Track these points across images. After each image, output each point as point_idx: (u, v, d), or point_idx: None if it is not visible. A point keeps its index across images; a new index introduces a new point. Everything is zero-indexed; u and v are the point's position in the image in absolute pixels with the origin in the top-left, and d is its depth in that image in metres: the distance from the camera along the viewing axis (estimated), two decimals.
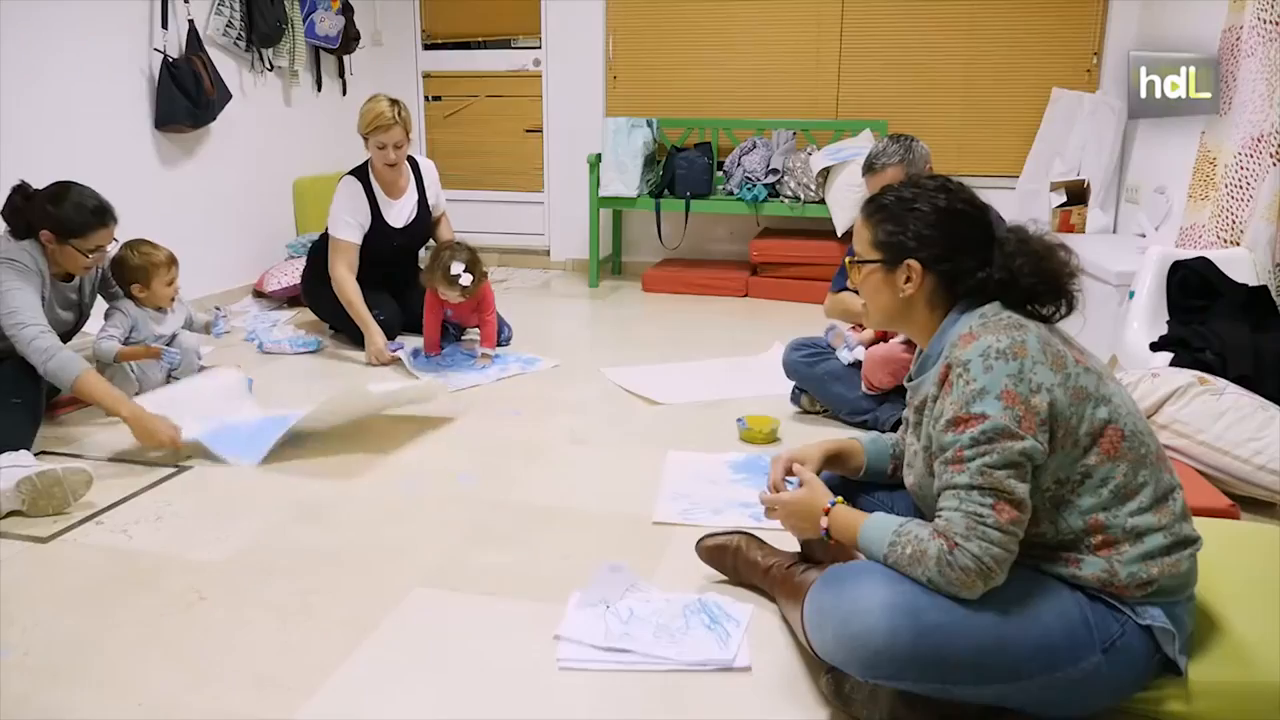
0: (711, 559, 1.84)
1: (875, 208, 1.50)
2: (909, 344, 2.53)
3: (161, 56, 3.94)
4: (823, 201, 4.44)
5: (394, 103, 3.45)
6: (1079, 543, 1.32)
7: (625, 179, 4.69)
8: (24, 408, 2.43)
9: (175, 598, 1.79)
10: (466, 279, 3.21)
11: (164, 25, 3.98)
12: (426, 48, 5.55)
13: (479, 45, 5.52)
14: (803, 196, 4.48)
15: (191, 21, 4.10)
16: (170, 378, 2.94)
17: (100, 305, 2.99)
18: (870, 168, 2.63)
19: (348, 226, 3.52)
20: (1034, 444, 1.27)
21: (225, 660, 1.59)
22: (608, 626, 1.68)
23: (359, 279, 3.52)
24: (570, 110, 5.21)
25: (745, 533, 1.84)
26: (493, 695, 1.51)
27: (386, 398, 2.78)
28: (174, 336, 2.98)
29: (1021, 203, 4.36)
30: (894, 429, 2.11)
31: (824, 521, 1.49)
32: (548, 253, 5.41)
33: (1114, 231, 4.20)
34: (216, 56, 4.22)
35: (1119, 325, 2.92)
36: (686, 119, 4.98)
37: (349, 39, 5.11)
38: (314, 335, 3.69)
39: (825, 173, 4.41)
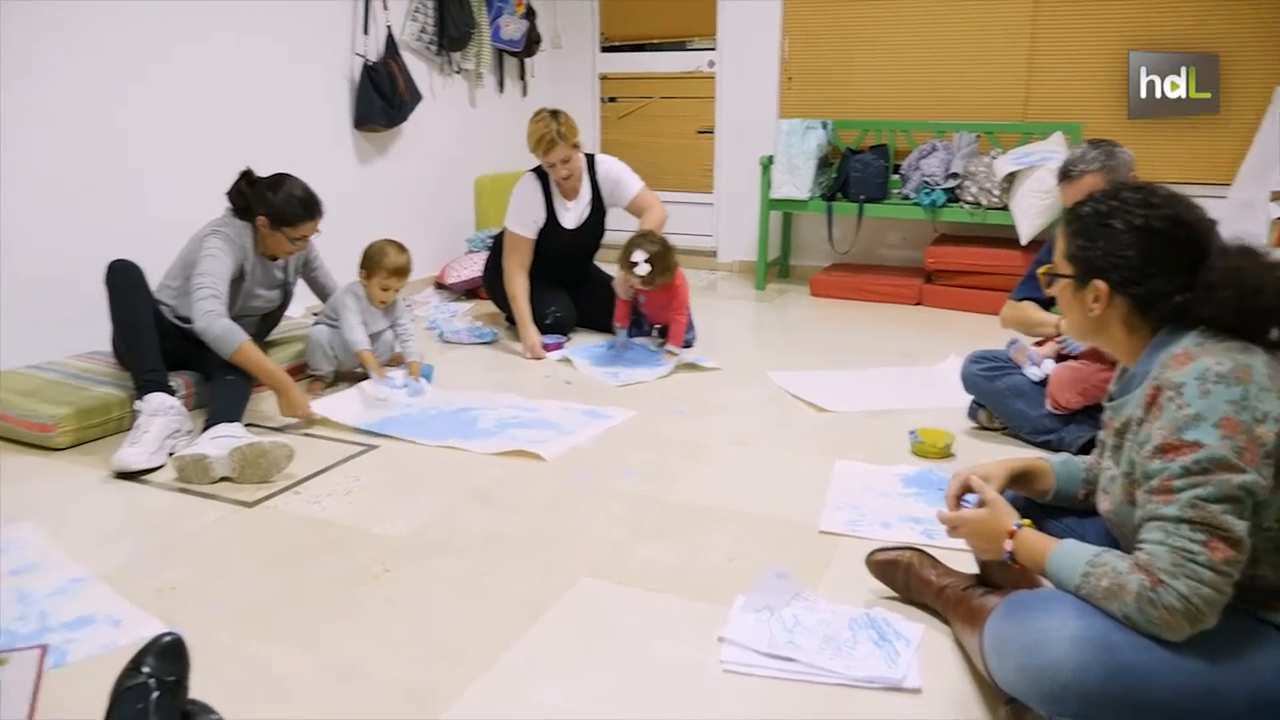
0: (881, 574, 1.79)
1: (1072, 217, 1.42)
2: (1102, 362, 2.38)
3: (362, 61, 4.20)
4: (1006, 208, 4.24)
5: (555, 116, 3.50)
6: None
7: (797, 181, 4.64)
8: (236, 384, 2.64)
9: (362, 567, 1.91)
10: (644, 269, 3.25)
11: (365, 31, 4.23)
12: (604, 50, 5.68)
13: (654, 47, 5.59)
14: (984, 202, 4.30)
15: (389, 28, 4.35)
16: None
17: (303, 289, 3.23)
18: (1066, 175, 2.48)
19: (522, 222, 3.64)
20: (1256, 478, 1.16)
21: (405, 630, 1.68)
22: (772, 633, 1.66)
23: (537, 275, 3.64)
24: (743, 111, 5.20)
25: (918, 549, 1.78)
26: (655, 691, 1.53)
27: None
28: (381, 333, 3.16)
29: (1234, 214, 4.02)
30: (1080, 451, 1.99)
31: (1009, 544, 1.42)
32: (715, 254, 5.42)
33: None
34: (409, 60, 4.46)
35: None
36: (862, 120, 4.87)
37: (531, 42, 5.29)
38: (491, 327, 3.84)
39: (1010, 178, 4.21)
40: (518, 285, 3.60)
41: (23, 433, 2.58)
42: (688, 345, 3.54)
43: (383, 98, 4.24)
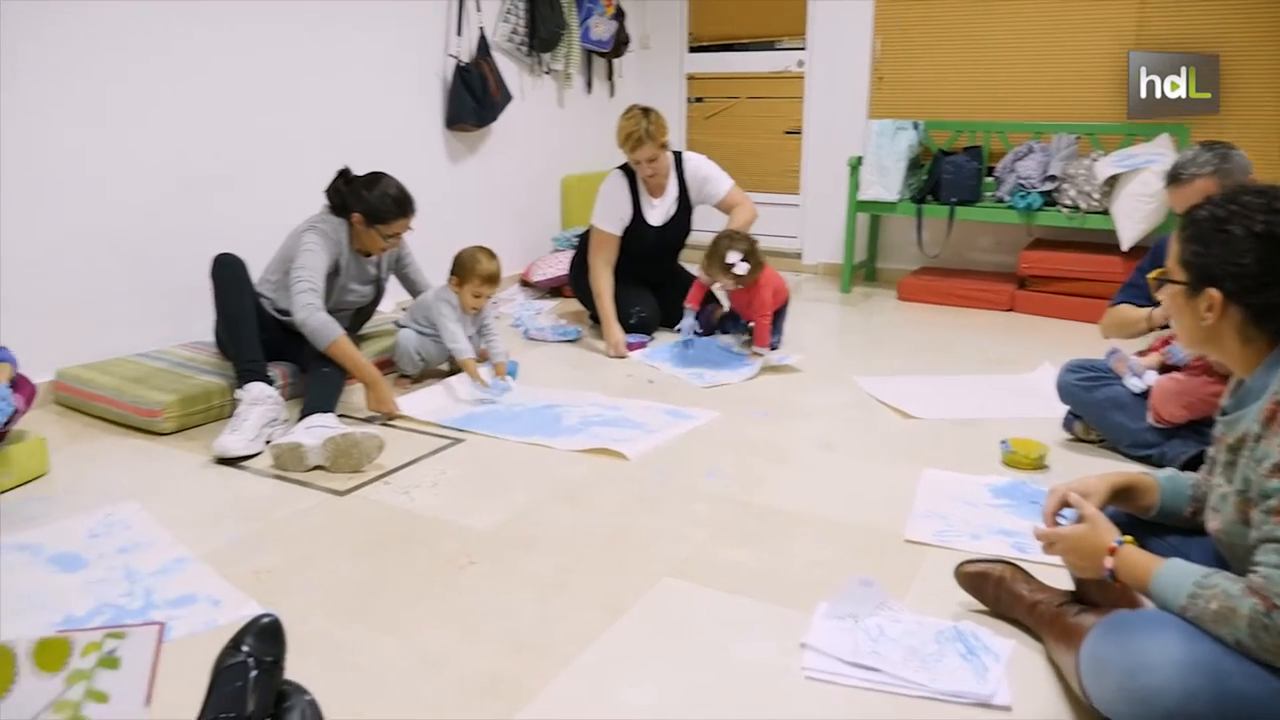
0: (971, 586, 1.75)
1: (1187, 222, 1.36)
2: (1209, 374, 2.27)
3: (455, 62, 4.28)
4: (1106, 212, 4.09)
5: (646, 114, 3.51)
6: None
7: (886, 183, 4.56)
8: (331, 376, 2.72)
9: (449, 559, 1.94)
10: (743, 268, 3.25)
11: (458, 33, 4.31)
12: (692, 50, 5.67)
13: (742, 47, 5.56)
14: (1083, 206, 4.15)
15: (482, 29, 4.42)
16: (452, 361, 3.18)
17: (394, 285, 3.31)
18: (1175, 178, 2.38)
19: (608, 219, 3.67)
20: None
21: (490, 623, 1.71)
22: (856, 642, 1.64)
23: (622, 273, 3.66)
24: (832, 112, 5.14)
25: (1010, 563, 1.73)
26: (736, 694, 1.52)
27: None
28: (471, 337, 3.21)
29: None
30: (1184, 467, 1.90)
31: (1109, 561, 1.36)
32: (800, 255, 5.36)
33: None
34: (501, 61, 4.53)
35: None
36: (955, 121, 4.76)
37: (620, 43, 5.32)
38: (575, 325, 3.88)
39: (1112, 181, 4.06)
40: (603, 282, 3.62)
41: (131, 417, 2.71)
42: (773, 348, 3.51)
43: (474, 98, 4.31)
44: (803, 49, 5.27)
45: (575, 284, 3.98)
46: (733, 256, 3.25)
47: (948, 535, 2.05)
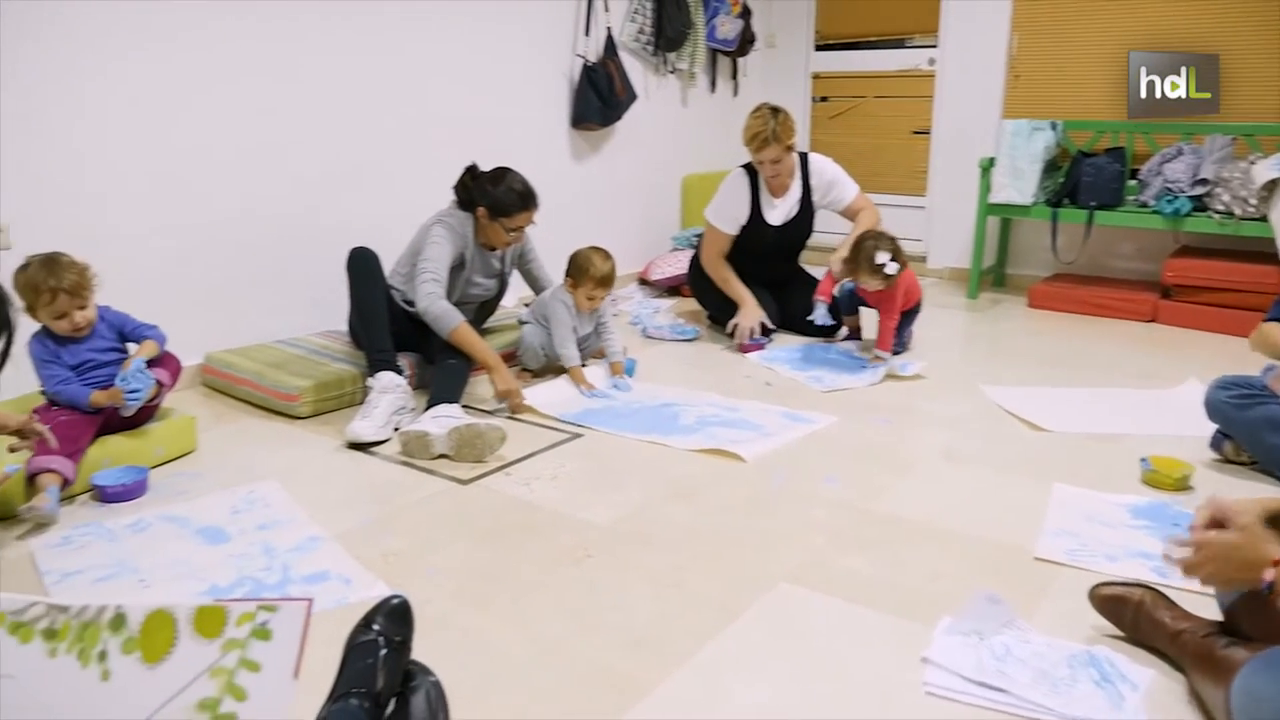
0: (1107, 610, 1.66)
1: None
2: None
3: (582, 61, 4.34)
4: (1264, 219, 3.82)
5: (775, 114, 3.48)
6: None
7: (1020, 185, 4.38)
8: (457, 367, 2.80)
9: (566, 551, 1.97)
10: (893, 268, 3.23)
11: (586, 33, 4.37)
12: (818, 48, 5.59)
13: (870, 45, 5.45)
14: (1238, 212, 3.89)
15: (609, 29, 4.47)
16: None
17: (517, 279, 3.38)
18: None
19: (722, 217, 3.67)
20: None
21: (607, 617, 1.72)
22: (980, 660, 1.58)
23: (741, 274, 3.65)
24: (963, 111, 4.97)
25: (1150, 587, 1.64)
26: (854, 706, 1.48)
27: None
28: (588, 336, 3.26)
29: None
30: None
31: (1270, 574, 1.25)
32: (925, 259, 5.22)
33: None
34: (626, 60, 4.57)
35: None
36: (1097, 121, 4.54)
37: (745, 41, 5.29)
38: (693, 324, 3.88)
39: (1271, 185, 3.79)
40: (723, 269, 3.64)
41: (271, 400, 2.85)
42: (895, 352, 3.43)
43: (600, 97, 4.37)
44: (934, 46, 5.12)
45: (694, 284, 3.98)
46: (882, 257, 3.23)
47: (1081, 555, 1.96)
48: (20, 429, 2.01)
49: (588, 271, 3.12)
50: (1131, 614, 1.62)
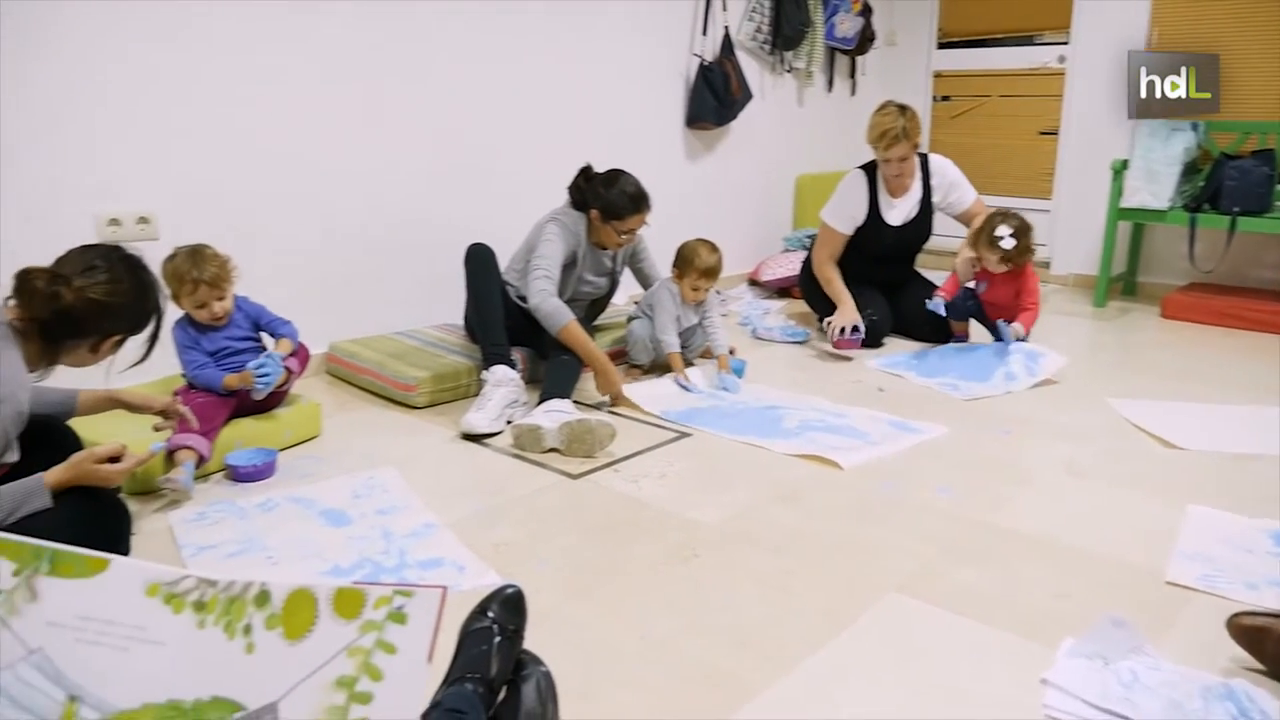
0: (1246, 641, 1.56)
1: None
2: None
3: (699, 61, 4.34)
4: None
5: (902, 112, 3.43)
6: None
7: (1155, 189, 4.17)
8: (569, 364, 2.84)
9: (674, 550, 1.98)
10: (1009, 242, 3.19)
11: (704, 32, 4.37)
12: (940, 46, 5.44)
13: (996, 42, 5.28)
14: None
15: (726, 28, 4.45)
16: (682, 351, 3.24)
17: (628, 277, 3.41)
18: None
19: (838, 217, 3.63)
20: None
21: (713, 617, 1.72)
22: (1105, 685, 1.51)
23: (856, 275, 3.59)
24: (1094, 111, 4.77)
25: None
26: None
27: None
28: (693, 328, 3.27)
29: None
30: None
31: None
32: (1048, 265, 5.02)
33: None
34: (743, 59, 4.55)
35: None
36: (1244, 122, 4.28)
37: (865, 40, 5.20)
38: (803, 327, 3.83)
39: None
40: (830, 269, 3.60)
41: (390, 390, 2.95)
42: (1021, 338, 3.35)
43: (715, 97, 4.36)
44: (1065, 43, 4.92)
45: (804, 286, 3.93)
46: (1002, 230, 3.20)
47: (1217, 581, 1.85)
48: (164, 410, 2.14)
49: (693, 262, 3.13)
50: (1274, 647, 1.52)
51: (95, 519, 1.71)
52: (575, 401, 2.79)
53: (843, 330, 3.43)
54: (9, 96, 2.43)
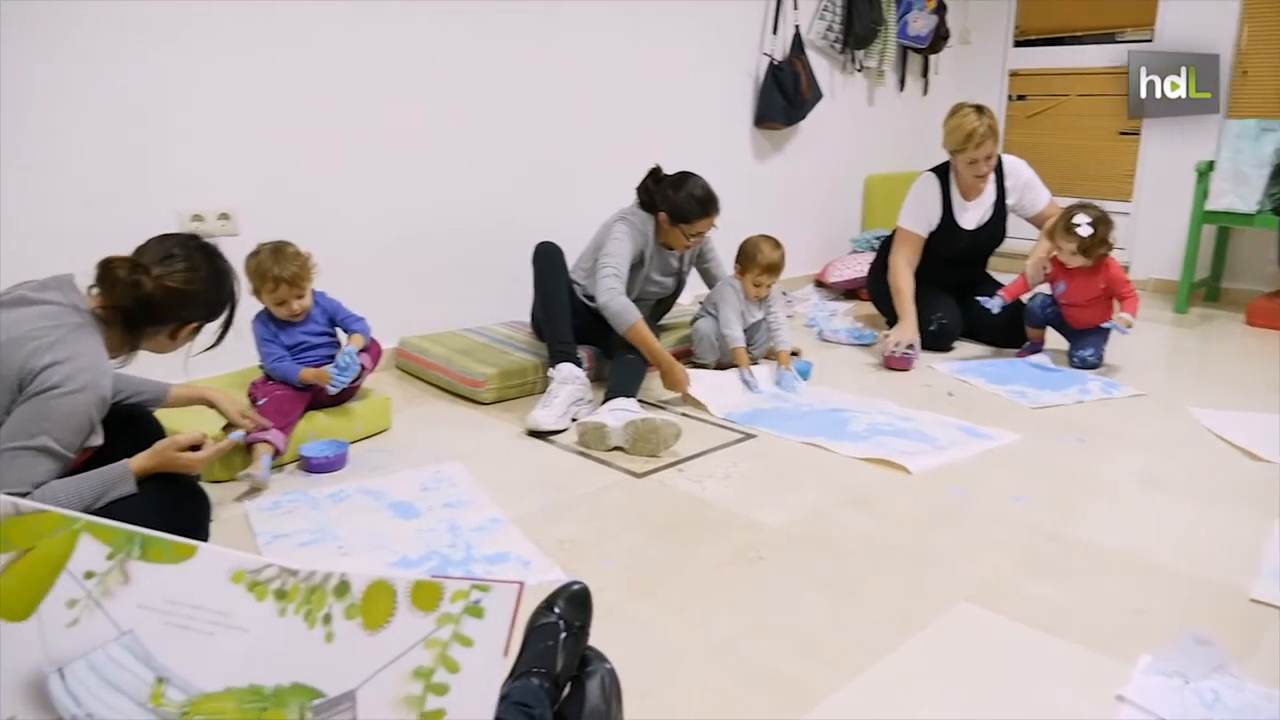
0: None
1: None
2: None
3: (768, 60, 4.31)
4: None
5: (981, 113, 3.38)
6: None
7: (1243, 192, 4.02)
8: (635, 363, 2.85)
9: (738, 551, 1.97)
10: (1087, 230, 3.14)
11: (774, 31, 4.34)
12: (1017, 44, 5.32)
13: (1075, 40, 5.14)
14: None
15: (797, 27, 4.42)
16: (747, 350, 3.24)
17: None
18: None
19: (914, 219, 3.57)
20: None
21: (778, 620, 1.71)
22: (1185, 705, 1.46)
23: (928, 278, 3.53)
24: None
25: None
26: None
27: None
28: (757, 324, 3.25)
29: None
30: None
31: None
32: (1127, 269, 4.87)
33: None
34: (814, 58, 4.50)
35: None
36: None
37: (939, 38, 5.11)
38: (870, 329, 3.78)
39: None
40: (903, 279, 3.53)
41: (458, 385, 3.00)
42: (1091, 365, 3.25)
43: (785, 96, 4.33)
44: (1149, 40, 4.77)
45: (872, 289, 3.88)
46: (1080, 218, 3.15)
47: None
48: (238, 420, 2.18)
49: (755, 258, 3.12)
50: None
51: (177, 505, 1.77)
52: (640, 400, 2.80)
53: (897, 346, 3.36)
54: (99, 94, 2.53)
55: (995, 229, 3.59)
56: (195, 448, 1.78)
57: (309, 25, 2.89)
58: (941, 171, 3.55)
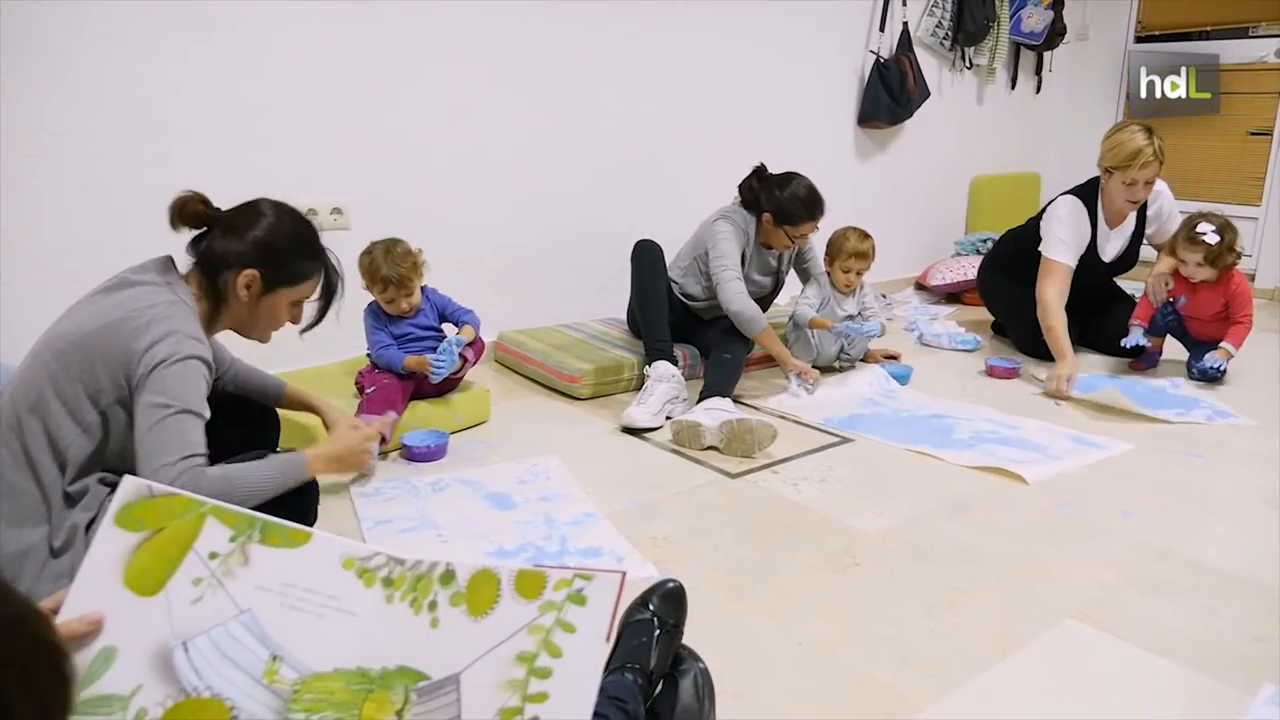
0: None
1: None
2: None
3: (874, 57, 4.23)
4: None
5: (1150, 132, 3.13)
6: None
7: None
8: (732, 363, 2.85)
9: (833, 556, 1.94)
10: (1213, 237, 3.01)
11: (881, 28, 4.26)
12: (1138, 40, 5.09)
13: (1202, 36, 4.88)
14: None
15: (905, 23, 4.33)
16: (842, 355, 3.20)
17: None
18: None
19: (1064, 248, 3.26)
20: None
21: (874, 628, 1.68)
22: None
23: None
24: None
25: None
26: None
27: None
28: (851, 318, 3.20)
29: None
30: None
31: None
32: (1253, 277, 4.61)
33: None
34: (922, 56, 4.41)
35: None
36: None
37: (1054, 34, 4.93)
38: (974, 334, 3.68)
39: None
40: (1055, 317, 3.20)
41: (554, 380, 3.04)
42: (1213, 376, 3.08)
43: (890, 95, 4.25)
44: None
45: (985, 293, 3.75)
46: (1204, 226, 3.02)
47: None
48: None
49: (843, 246, 3.11)
50: None
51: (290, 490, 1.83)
52: (736, 400, 2.79)
53: (1068, 383, 3.06)
54: (221, 94, 2.65)
55: (1129, 259, 3.40)
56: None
57: (416, 25, 2.96)
58: (1087, 195, 3.32)
